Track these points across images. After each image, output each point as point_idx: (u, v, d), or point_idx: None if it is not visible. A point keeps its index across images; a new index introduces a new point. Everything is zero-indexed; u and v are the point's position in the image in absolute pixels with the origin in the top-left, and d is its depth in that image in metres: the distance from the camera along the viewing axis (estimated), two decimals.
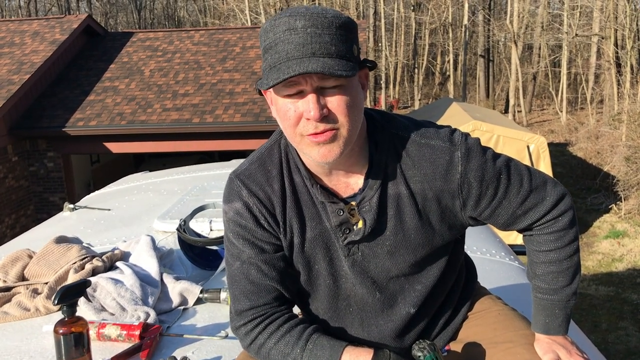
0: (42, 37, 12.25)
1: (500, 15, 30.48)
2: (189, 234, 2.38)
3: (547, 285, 1.33)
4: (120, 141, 10.69)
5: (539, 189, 1.28)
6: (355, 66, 1.12)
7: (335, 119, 1.13)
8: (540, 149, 9.51)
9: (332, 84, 1.11)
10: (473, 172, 1.23)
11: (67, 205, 3.55)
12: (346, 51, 1.11)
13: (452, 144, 1.24)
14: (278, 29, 1.10)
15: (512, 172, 1.27)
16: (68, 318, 1.56)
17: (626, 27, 17.04)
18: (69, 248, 2.26)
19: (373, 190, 1.24)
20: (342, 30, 1.11)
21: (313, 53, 1.08)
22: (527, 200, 1.27)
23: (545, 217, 1.29)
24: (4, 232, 10.14)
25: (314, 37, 1.09)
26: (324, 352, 1.21)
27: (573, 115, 22.21)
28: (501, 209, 1.27)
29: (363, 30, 13.35)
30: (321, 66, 1.07)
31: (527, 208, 1.28)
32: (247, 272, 1.29)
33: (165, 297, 2.05)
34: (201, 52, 12.67)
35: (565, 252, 1.31)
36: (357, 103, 1.15)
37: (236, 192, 1.29)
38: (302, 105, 1.12)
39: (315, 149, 1.15)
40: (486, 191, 1.25)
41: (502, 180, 1.25)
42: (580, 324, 6.69)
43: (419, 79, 29.46)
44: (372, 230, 1.25)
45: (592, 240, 10.19)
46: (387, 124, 1.27)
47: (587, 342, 1.89)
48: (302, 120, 1.13)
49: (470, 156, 1.23)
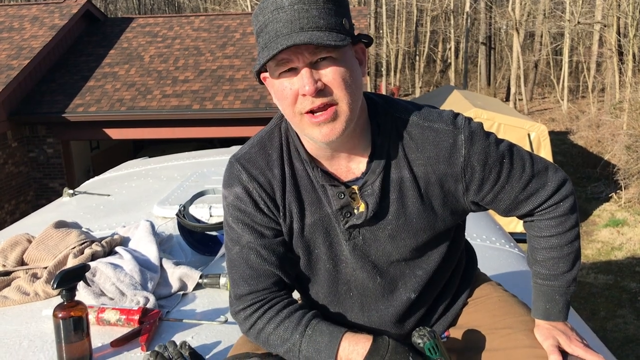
0: (42, 22, 12.18)
1: (502, 2, 30.28)
2: (189, 220, 2.37)
3: (547, 271, 1.32)
4: (120, 127, 10.67)
5: (540, 174, 1.27)
6: (347, 38, 1.11)
7: (331, 92, 1.12)
8: (541, 137, 9.50)
9: (324, 55, 1.11)
10: (476, 156, 1.22)
11: (67, 190, 3.54)
12: (335, 24, 1.11)
13: (456, 127, 1.23)
14: (266, 10, 1.11)
15: (515, 157, 1.26)
16: (67, 302, 1.57)
17: (629, 15, 16.93)
18: (68, 233, 2.25)
19: (375, 174, 1.23)
20: (330, 4, 1.11)
21: (301, 27, 1.08)
22: (529, 185, 1.27)
23: (547, 202, 1.28)
24: (3, 218, 10.14)
25: (301, 12, 1.09)
26: (323, 337, 1.21)
27: (574, 104, 22.14)
28: (503, 193, 1.27)
29: (364, 17, 13.27)
30: (309, 38, 1.07)
31: (529, 193, 1.27)
32: (247, 256, 1.28)
33: (164, 282, 2.05)
34: (201, 38, 12.60)
35: (566, 238, 1.30)
36: (354, 76, 1.15)
37: (236, 176, 1.28)
38: (297, 82, 1.12)
39: (316, 129, 1.14)
40: (489, 175, 1.24)
41: (505, 165, 1.25)
42: (579, 311, 6.71)
43: (420, 66, 29.35)
44: (375, 214, 1.24)
45: (591, 229, 10.21)
46: (388, 107, 1.26)
47: (586, 330, 1.89)
48: (299, 98, 1.13)
49: (474, 139, 1.22)
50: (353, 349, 1.17)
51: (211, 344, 1.68)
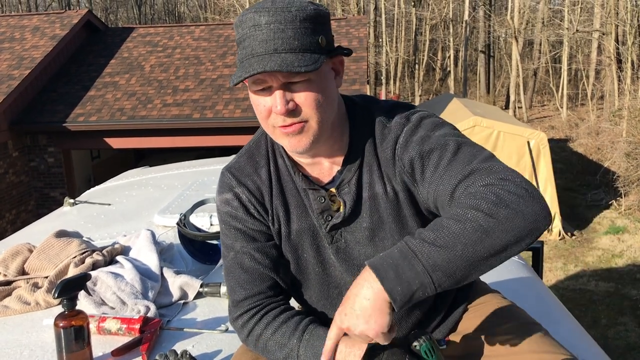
0: (43, 32, 12.23)
1: (501, 10, 30.41)
2: (189, 229, 2.38)
3: (430, 234, 1.04)
4: (120, 136, 10.69)
5: (487, 159, 1.13)
6: (321, 57, 1.14)
7: (302, 112, 1.16)
8: (541, 144, 9.51)
9: (298, 78, 1.14)
10: (412, 144, 1.21)
11: (68, 200, 3.55)
12: (310, 44, 1.14)
13: (407, 119, 1.25)
14: (245, 24, 1.14)
15: (461, 144, 1.17)
16: (68, 312, 1.57)
17: (627, 23, 16.99)
18: (69, 242, 2.26)
19: (351, 172, 1.27)
20: (307, 23, 1.13)
21: (275, 49, 1.11)
22: (471, 174, 1.10)
23: (487, 177, 1.09)
24: (4, 227, 10.14)
25: (277, 32, 1.12)
26: (320, 342, 1.22)
27: (573, 111, 22.17)
28: (442, 183, 1.15)
29: (364, 26, 13.32)
30: (279, 64, 1.10)
31: (468, 179, 1.10)
32: (241, 261, 1.31)
33: (165, 291, 2.05)
34: (201, 47, 12.65)
35: (480, 222, 1.02)
36: (327, 94, 1.18)
37: (227, 185, 1.34)
38: (270, 101, 1.17)
39: (285, 139, 1.20)
40: (428, 160, 1.19)
41: (447, 150, 1.17)
42: (580, 319, 6.69)
43: (420, 74, 29.41)
44: (352, 211, 1.27)
45: (592, 236, 10.20)
46: (366, 107, 1.30)
47: (587, 338, 1.89)
48: (272, 114, 1.18)
49: (417, 129, 1.23)
50: (350, 351, 1.18)
51: (212, 353, 1.68)
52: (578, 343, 1.71)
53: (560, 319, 1.97)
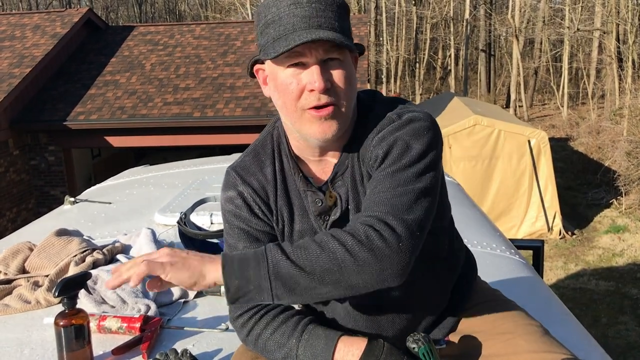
0: (43, 30, 12.23)
1: (501, 9, 30.37)
2: (190, 227, 2.38)
3: (290, 248, 1.08)
4: (121, 135, 10.69)
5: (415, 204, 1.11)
6: (352, 43, 1.17)
7: (336, 92, 1.16)
8: (541, 143, 9.50)
9: (334, 56, 1.14)
10: (387, 140, 1.17)
11: (68, 198, 3.55)
12: (347, 29, 1.17)
13: (399, 116, 1.22)
14: (282, 3, 1.14)
15: (415, 169, 1.14)
16: (69, 310, 1.57)
17: (628, 22, 16.98)
18: (69, 241, 2.26)
19: (345, 165, 1.26)
20: (341, 10, 1.17)
21: (319, 25, 1.12)
22: (396, 197, 1.11)
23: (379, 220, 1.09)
24: (5, 225, 10.15)
25: (319, 11, 1.13)
26: (319, 341, 1.22)
27: (574, 110, 22.15)
28: (379, 183, 1.15)
29: (364, 25, 13.31)
30: (331, 35, 1.11)
31: (383, 204, 1.11)
32: None
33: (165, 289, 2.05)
34: (202, 46, 12.64)
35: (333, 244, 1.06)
36: (353, 81, 1.19)
37: (232, 184, 1.32)
38: (305, 77, 1.14)
39: (316, 124, 1.17)
40: (383, 160, 1.17)
41: (402, 163, 1.14)
42: (581, 318, 6.70)
43: (420, 73, 29.39)
44: (348, 206, 1.26)
45: (592, 235, 10.19)
46: (370, 103, 1.30)
47: (587, 337, 1.89)
48: (304, 93, 1.15)
49: (400, 128, 1.18)
50: (348, 350, 1.19)
51: (212, 352, 1.68)
52: (578, 342, 1.71)
53: (560, 318, 1.97)
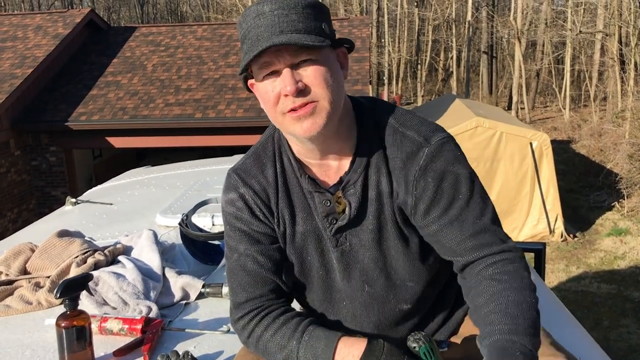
0: (45, 31, 12.25)
1: (503, 11, 30.39)
2: (191, 229, 2.38)
3: (504, 325, 1.12)
4: (122, 136, 10.70)
5: (495, 227, 1.22)
6: (325, 40, 1.15)
7: (311, 91, 1.15)
8: (543, 146, 9.49)
9: (305, 57, 1.14)
10: (432, 173, 1.21)
11: (69, 199, 3.55)
12: (314, 27, 1.15)
13: (426, 140, 1.23)
14: (248, 17, 1.16)
15: (475, 196, 1.22)
16: (70, 312, 1.57)
17: (630, 24, 16.96)
18: (71, 242, 2.26)
19: (357, 173, 1.26)
20: (309, 10, 1.15)
21: (281, 31, 1.12)
22: (481, 231, 1.20)
23: (498, 254, 1.20)
24: (6, 226, 10.16)
25: (281, 17, 1.13)
26: (319, 343, 1.22)
27: (576, 113, 22.13)
28: (450, 229, 1.21)
29: (366, 26, 13.32)
30: (287, 39, 1.11)
31: (478, 238, 1.20)
32: (244, 263, 1.31)
33: (167, 291, 2.05)
34: (204, 47, 12.65)
35: (522, 295, 1.15)
36: (335, 76, 1.18)
37: (233, 186, 1.32)
38: (279, 84, 1.16)
39: (297, 124, 1.17)
40: (440, 199, 1.21)
41: (461, 198, 1.21)
42: (582, 321, 6.67)
43: (422, 75, 29.40)
44: (357, 213, 1.26)
45: (594, 238, 10.18)
46: (373, 109, 1.29)
47: (589, 340, 1.88)
48: (281, 99, 1.16)
49: (437, 157, 1.21)
50: (348, 351, 1.19)
51: (213, 354, 1.68)
52: (580, 345, 1.71)
53: (562, 320, 1.96)
